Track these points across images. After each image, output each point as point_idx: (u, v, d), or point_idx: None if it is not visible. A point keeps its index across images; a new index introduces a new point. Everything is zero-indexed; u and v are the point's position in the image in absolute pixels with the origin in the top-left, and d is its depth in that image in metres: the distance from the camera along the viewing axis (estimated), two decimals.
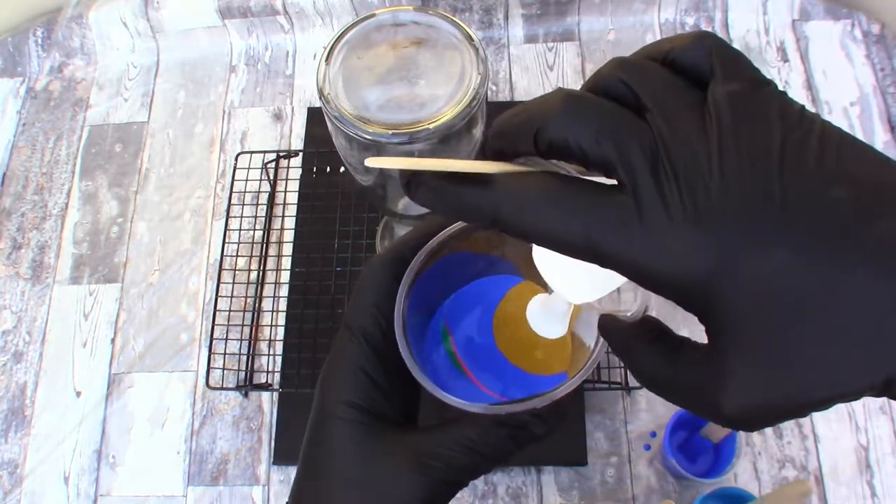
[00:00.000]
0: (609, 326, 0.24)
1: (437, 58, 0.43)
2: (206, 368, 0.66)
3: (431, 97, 0.41)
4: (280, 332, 0.69)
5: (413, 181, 0.21)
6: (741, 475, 0.63)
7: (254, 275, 0.72)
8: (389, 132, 0.40)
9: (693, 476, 0.58)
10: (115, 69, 0.86)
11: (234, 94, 0.84)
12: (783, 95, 0.19)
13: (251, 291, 0.72)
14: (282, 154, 0.76)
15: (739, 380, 0.18)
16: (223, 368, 0.67)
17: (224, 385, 0.66)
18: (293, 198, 0.74)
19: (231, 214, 0.75)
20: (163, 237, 0.76)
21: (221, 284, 0.70)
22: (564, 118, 0.19)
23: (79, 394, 0.70)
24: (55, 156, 0.81)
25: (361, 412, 0.27)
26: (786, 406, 0.18)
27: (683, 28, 0.84)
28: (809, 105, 0.78)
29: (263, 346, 0.70)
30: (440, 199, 0.21)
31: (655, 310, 0.24)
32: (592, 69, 0.77)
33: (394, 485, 0.26)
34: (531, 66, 0.83)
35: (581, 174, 0.21)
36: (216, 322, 0.68)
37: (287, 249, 0.73)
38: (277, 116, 0.82)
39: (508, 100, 0.81)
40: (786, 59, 0.81)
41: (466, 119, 0.41)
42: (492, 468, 0.27)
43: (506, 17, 0.84)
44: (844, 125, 0.76)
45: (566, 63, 0.83)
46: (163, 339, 0.72)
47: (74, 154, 0.81)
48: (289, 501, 0.28)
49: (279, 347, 0.69)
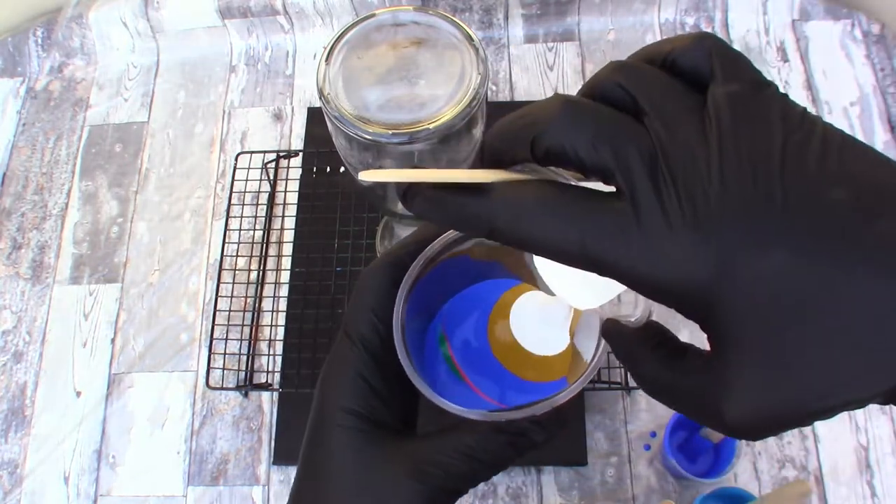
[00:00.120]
0: (612, 332, 0.23)
1: (437, 58, 0.43)
2: (206, 368, 0.66)
3: (431, 97, 0.41)
4: (280, 332, 0.69)
5: (409, 192, 0.21)
6: (741, 475, 0.63)
7: (254, 275, 0.72)
8: (389, 132, 0.40)
9: (693, 476, 0.58)
10: (115, 69, 0.86)
11: (234, 94, 0.84)
12: (785, 97, 0.19)
13: (251, 291, 0.72)
14: (282, 154, 0.76)
15: (741, 386, 0.18)
16: (223, 368, 0.67)
17: (224, 385, 0.66)
18: (293, 198, 0.74)
19: (231, 214, 0.75)
20: (163, 237, 0.76)
21: (221, 284, 0.70)
22: (561, 125, 0.19)
23: (79, 394, 0.70)
24: (55, 156, 0.81)
25: (360, 419, 0.27)
26: (788, 413, 0.18)
27: (683, 28, 0.84)
28: (809, 105, 0.78)
29: (263, 346, 0.70)
30: (437, 210, 0.21)
31: (656, 313, 0.24)
32: (592, 69, 0.77)
33: (392, 492, 0.26)
34: (531, 66, 0.83)
35: (580, 181, 0.20)
36: (216, 322, 0.68)
37: (287, 249, 0.73)
38: (277, 116, 0.82)
39: (508, 100, 0.81)
40: (786, 60, 0.81)
41: (466, 119, 0.41)
42: (491, 475, 0.27)
43: (506, 17, 0.84)
44: (844, 125, 0.76)
45: (566, 63, 0.83)
46: (163, 339, 0.72)
47: (74, 154, 0.81)
48: (289, 501, 0.28)
49: (279, 347, 0.69)
